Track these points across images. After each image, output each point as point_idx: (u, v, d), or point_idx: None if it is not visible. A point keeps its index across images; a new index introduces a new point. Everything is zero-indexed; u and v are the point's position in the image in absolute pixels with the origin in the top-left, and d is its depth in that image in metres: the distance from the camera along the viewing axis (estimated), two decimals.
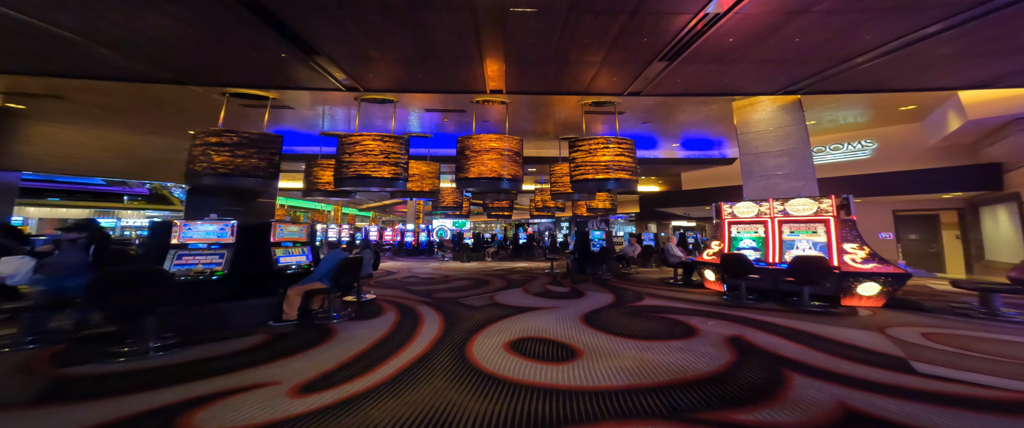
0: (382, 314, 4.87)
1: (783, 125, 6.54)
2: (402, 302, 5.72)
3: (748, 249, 6.24)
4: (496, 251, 14.52)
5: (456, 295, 6.40)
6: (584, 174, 6.62)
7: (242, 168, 6.25)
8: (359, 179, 6.57)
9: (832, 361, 3.18)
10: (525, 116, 8.31)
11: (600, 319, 4.67)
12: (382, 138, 6.69)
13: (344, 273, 4.23)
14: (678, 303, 5.60)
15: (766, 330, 4.10)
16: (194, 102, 7.22)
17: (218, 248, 4.05)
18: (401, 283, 7.85)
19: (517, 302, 5.78)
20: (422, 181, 9.18)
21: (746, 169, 6.88)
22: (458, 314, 4.93)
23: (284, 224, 4.68)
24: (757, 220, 6.29)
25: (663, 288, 7.11)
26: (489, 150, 6.75)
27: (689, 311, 5.06)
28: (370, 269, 5.85)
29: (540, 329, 4.19)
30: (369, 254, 5.89)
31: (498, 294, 6.51)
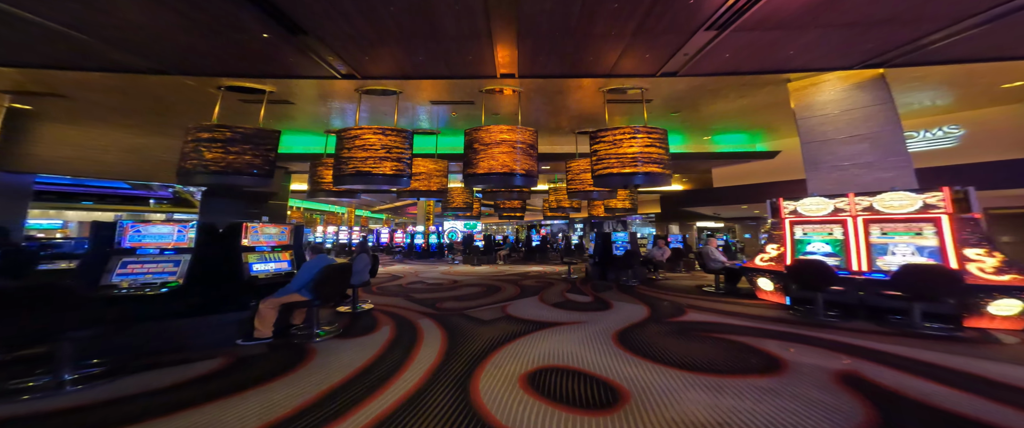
0: (375, 329, 4.06)
1: (861, 106, 5.38)
2: (402, 314, 4.91)
3: (821, 254, 5.06)
4: (508, 254, 13.65)
5: (463, 305, 5.55)
6: (608, 168, 5.69)
7: (235, 165, 5.59)
8: (359, 176, 5.83)
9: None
10: (539, 107, 7.44)
11: (639, 339, 3.75)
12: (383, 131, 5.94)
13: (328, 283, 3.44)
14: (733, 318, 4.59)
15: (886, 363, 3.02)
16: (194, 100, 6.63)
17: (173, 254, 3.31)
18: (404, 290, 7.05)
19: (533, 314, 4.89)
20: (429, 180, 8.41)
21: (810, 159, 5.72)
22: (464, 331, 4.08)
23: (260, 225, 3.93)
24: (832, 219, 5.09)
25: (704, 298, 6.06)
26: (500, 142, 5.90)
27: (753, 330, 4.03)
28: (366, 276, 5.08)
29: (565, 354, 3.30)
30: (366, 259, 5.11)
31: (511, 304, 5.63)
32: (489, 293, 6.65)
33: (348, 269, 3.76)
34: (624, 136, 5.61)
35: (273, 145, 6.02)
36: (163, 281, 3.16)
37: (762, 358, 3.16)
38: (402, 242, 15.46)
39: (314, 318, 3.61)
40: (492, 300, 5.97)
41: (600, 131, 5.87)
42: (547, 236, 14.97)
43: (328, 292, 3.48)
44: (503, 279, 8.58)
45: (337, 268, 3.52)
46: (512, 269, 11.04)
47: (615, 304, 5.58)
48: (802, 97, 5.85)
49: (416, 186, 8.23)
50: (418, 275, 9.41)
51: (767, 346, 3.46)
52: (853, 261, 4.79)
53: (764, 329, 4.07)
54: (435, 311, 5.10)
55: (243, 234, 3.71)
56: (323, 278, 3.38)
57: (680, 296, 6.24)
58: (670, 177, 5.48)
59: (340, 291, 3.77)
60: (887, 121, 5.13)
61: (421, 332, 3.99)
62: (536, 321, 4.52)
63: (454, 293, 6.65)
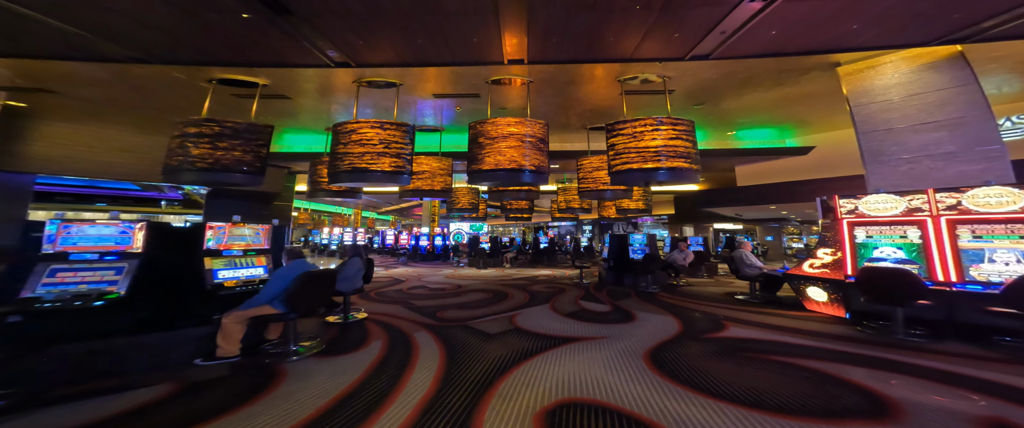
0: (364, 345, 3.47)
1: (934, 89, 4.62)
2: (398, 325, 4.32)
3: (891, 260, 4.31)
4: (515, 256, 13.02)
5: (467, 315, 4.94)
6: (627, 163, 5.04)
7: (223, 162, 5.09)
8: (356, 173, 5.27)
9: None
10: (549, 100, 6.83)
11: (680, 362, 3.09)
12: (381, 125, 5.38)
13: (303, 293, 2.86)
14: (788, 335, 3.85)
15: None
16: (187, 95, 6.17)
17: (116, 259, 2.76)
18: (405, 296, 6.47)
19: (546, 327, 4.26)
20: (433, 179, 7.83)
21: (870, 152, 4.93)
22: (467, 347, 3.47)
23: (230, 225, 3.38)
24: (905, 219, 4.28)
25: (740, 308, 5.32)
26: (507, 136, 5.30)
27: (823, 353, 3.29)
28: (358, 283, 4.50)
29: (591, 382, 2.67)
30: (358, 263, 4.53)
31: (520, 313, 5.00)
32: (495, 300, 6.03)
33: (330, 277, 3.16)
34: (646, 128, 4.96)
35: (265, 141, 5.51)
36: (100, 292, 2.61)
37: (858, 395, 2.45)
38: (407, 244, 14.94)
39: (290, 333, 3.04)
40: (499, 309, 5.35)
41: (618, 123, 5.22)
42: (555, 238, 14.31)
43: (304, 304, 2.91)
44: (510, 284, 7.96)
45: (315, 276, 2.93)
46: (520, 273, 10.41)
47: (638, 315, 4.92)
48: (856, 82, 5.08)
49: (419, 185, 7.67)
50: (421, 279, 8.84)
51: (854, 376, 2.74)
52: (937, 270, 3.95)
53: (836, 351, 3.33)
54: (435, 321, 4.50)
55: (205, 236, 3.15)
56: (298, 288, 2.81)
57: (710, 305, 5.54)
58: (698, 174, 4.80)
59: (320, 301, 3.18)
60: (971, 105, 4.31)
61: (416, 349, 3.39)
62: (550, 336, 3.89)
63: (457, 300, 6.05)
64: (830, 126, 7.28)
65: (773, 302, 5.57)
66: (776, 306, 5.34)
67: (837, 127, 7.27)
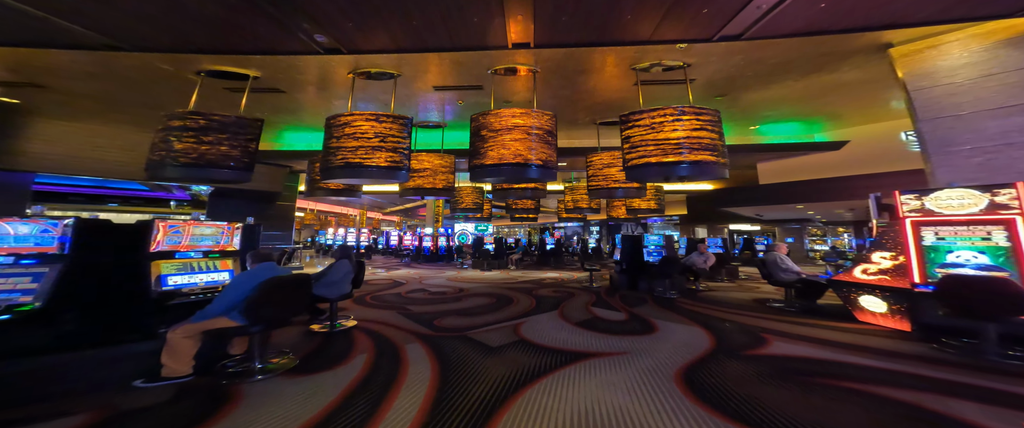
0: (346, 360, 3.00)
1: (1016, 67, 3.94)
2: (389, 335, 3.84)
3: (972, 267, 3.63)
4: (521, 258, 12.50)
5: (467, 323, 4.44)
6: (644, 157, 4.50)
7: (208, 157, 4.70)
8: (349, 169, 4.84)
9: None
10: (556, 92, 6.33)
11: (723, 388, 2.53)
12: (377, 118, 4.94)
13: (267, 302, 2.39)
14: (848, 354, 3.21)
15: None
16: (178, 89, 5.80)
17: (35, 264, 2.32)
18: (402, 300, 6.00)
19: (556, 339, 3.75)
20: (435, 177, 7.38)
21: (936, 141, 4.25)
22: (464, 364, 2.97)
23: (187, 223, 2.93)
24: (988, 218, 3.62)
25: (777, 318, 4.70)
26: (512, 128, 4.82)
27: (899, 377, 2.71)
28: (346, 288, 4.03)
29: (614, 413, 2.19)
30: (345, 266, 4.07)
31: (526, 322, 4.49)
32: (499, 306, 5.52)
33: (301, 284, 2.67)
34: (666, 118, 4.41)
35: (254, 135, 5.11)
36: (9, 303, 2.16)
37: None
38: (411, 245, 14.53)
39: (256, 348, 2.57)
40: (502, 316, 4.84)
41: (634, 114, 4.69)
42: (561, 239, 13.77)
43: (268, 315, 2.44)
44: (515, 287, 7.44)
45: (282, 283, 2.45)
46: (525, 275, 9.89)
47: (659, 324, 4.36)
48: (915, 63, 4.40)
49: (420, 183, 7.22)
50: (422, 281, 8.38)
51: (965, 413, 2.13)
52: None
53: (923, 377, 2.70)
54: (431, 331, 4.01)
55: (153, 236, 2.69)
56: (260, 297, 2.34)
57: (741, 314, 4.94)
58: (725, 168, 4.24)
59: (290, 312, 2.70)
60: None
61: (405, 366, 2.90)
62: (561, 350, 3.37)
63: (458, 305, 5.55)
64: (865, 119, 6.63)
65: (813, 311, 4.94)
66: (818, 316, 4.70)
67: (874, 119, 6.62)
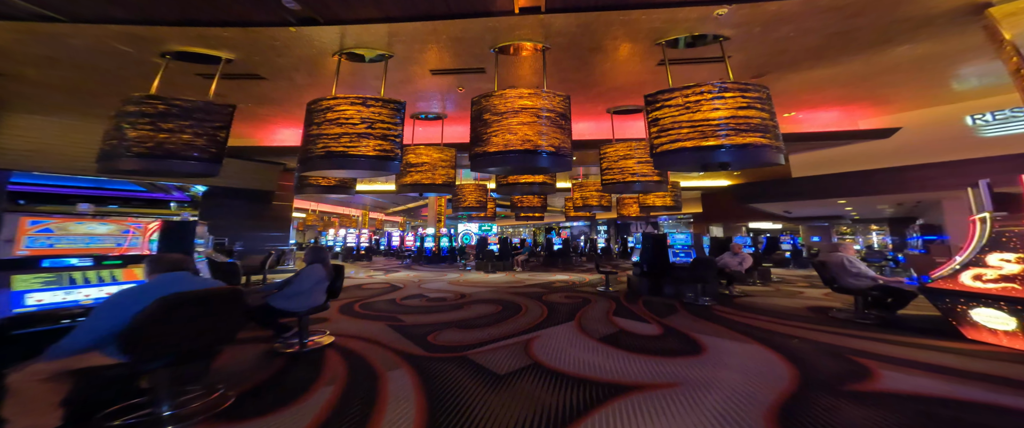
0: (302, 398, 2.30)
1: None
2: (370, 356, 3.14)
3: None
4: (527, 259, 11.78)
5: (468, 339, 3.73)
6: (677, 141, 3.75)
7: (167, 147, 4.03)
8: (331, 158, 4.15)
9: None
10: (568, 75, 5.60)
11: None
12: (364, 101, 4.25)
13: (154, 331, 1.60)
14: (1005, 394, 2.36)
15: None
16: (147, 74, 5.12)
17: None
18: (396, 309, 5.30)
19: (579, 360, 3.03)
20: (434, 171, 6.68)
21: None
22: (461, 402, 2.27)
23: (64, 219, 2.23)
24: None
25: (854, 333, 3.85)
26: (520, 110, 4.11)
27: None
28: (318, 299, 3.32)
29: None
30: (318, 273, 3.35)
31: (539, 337, 3.76)
32: (505, 315, 4.80)
33: (223, 301, 1.91)
34: (703, 97, 3.65)
35: (224, 123, 4.43)
36: None
37: None
38: (412, 246, 13.88)
39: (161, 389, 1.86)
40: (510, 329, 4.12)
41: (663, 93, 3.93)
42: (569, 239, 13.03)
43: (158, 347, 1.68)
44: (523, 292, 6.72)
45: (182, 302, 1.71)
46: (532, 278, 9.16)
47: (706, 341, 3.58)
48: None
49: (418, 179, 6.53)
50: (421, 285, 7.68)
51: None
52: None
53: None
54: (424, 350, 3.30)
55: None
56: (145, 323, 1.58)
57: (803, 327, 4.10)
58: (780, 152, 3.48)
59: (205, 340, 1.91)
60: None
61: (383, 405, 2.20)
62: (590, 379, 2.65)
63: (458, 315, 4.84)
64: (921, 102, 5.81)
65: (893, 324, 4.08)
66: (905, 331, 3.84)
67: (932, 103, 5.80)
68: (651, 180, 6.00)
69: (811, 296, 5.95)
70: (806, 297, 5.85)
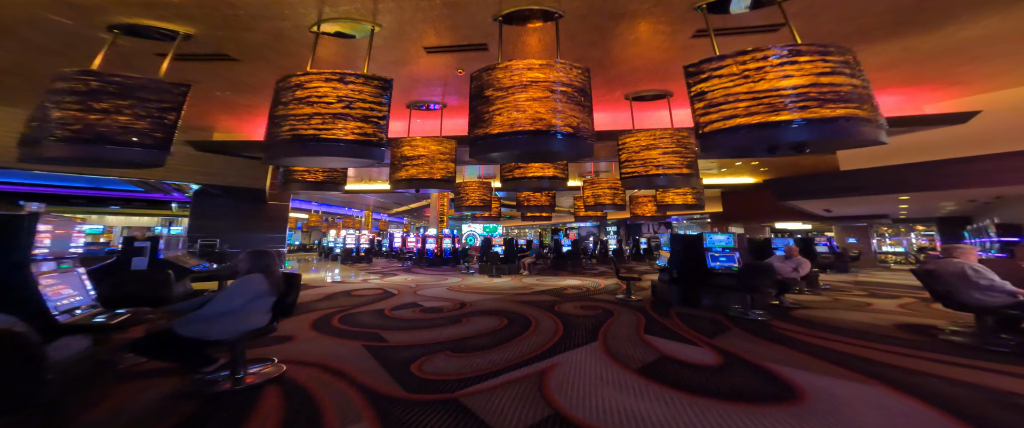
0: None
1: None
2: (325, 400, 2.34)
3: None
4: (534, 261, 10.94)
5: (464, 368, 2.90)
6: (733, 118, 2.87)
7: (98, 130, 3.27)
8: (298, 143, 3.38)
9: None
10: (583, 52, 4.75)
11: None
12: (341, 78, 3.48)
13: None
14: None
15: None
16: (90, 54, 4.38)
17: None
18: (381, 322, 4.48)
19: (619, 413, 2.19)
20: (432, 165, 5.89)
21: None
22: None
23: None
24: None
25: (999, 366, 2.95)
26: (529, 84, 3.29)
27: None
28: (261, 319, 2.49)
29: None
30: (255, 286, 2.49)
31: (556, 367, 2.93)
32: (512, 332, 3.97)
33: None
34: (768, 62, 2.76)
35: (173, 104, 3.66)
36: None
37: None
38: (414, 247, 13.13)
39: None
40: (517, 353, 3.28)
41: (710, 61, 3.05)
42: (578, 240, 12.17)
43: None
44: (530, 300, 5.88)
45: None
46: (541, 282, 8.31)
47: (794, 378, 2.68)
48: None
49: (414, 173, 5.75)
50: (417, 291, 6.88)
51: None
52: None
53: None
54: (403, 389, 2.49)
55: None
56: None
57: (910, 354, 3.19)
58: (883, 129, 2.61)
59: None
60: None
61: None
62: None
63: (455, 331, 4.01)
64: (1000, 84, 4.87)
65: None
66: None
67: (1017, 83, 4.86)
68: (679, 173, 5.13)
69: (884, 309, 5.01)
70: (879, 311, 4.90)
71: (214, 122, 7.21)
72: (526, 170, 5.62)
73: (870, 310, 5.02)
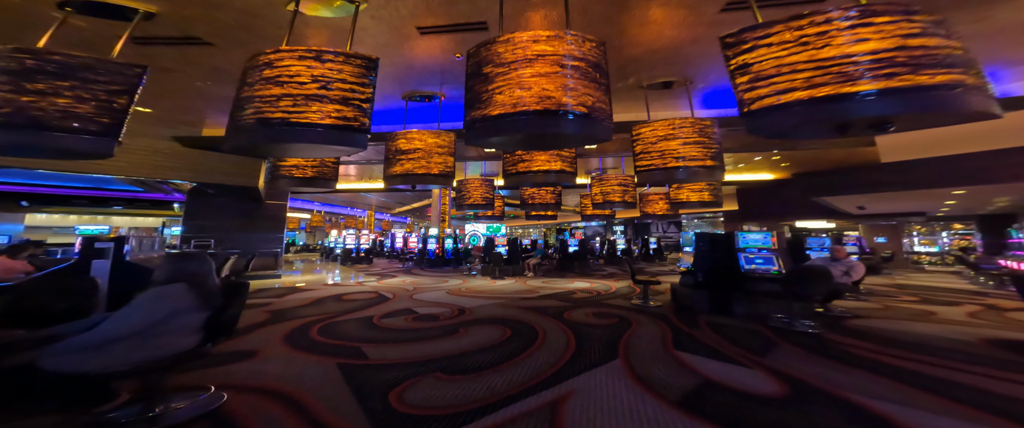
0: None
1: None
2: None
3: None
4: (539, 262, 10.38)
5: (456, 398, 2.37)
6: (788, 91, 2.29)
7: (31, 113, 2.79)
8: (263, 128, 2.89)
9: None
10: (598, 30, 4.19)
11: None
12: (317, 55, 2.97)
13: None
14: None
15: None
16: (40, 33, 3.91)
17: None
18: (366, 333, 3.95)
19: None
20: (429, 159, 5.39)
21: None
22: None
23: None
24: None
25: None
26: (535, 58, 2.75)
27: None
28: (184, 340, 1.90)
29: None
30: (172, 299, 1.85)
31: (573, 395, 2.40)
32: (516, 346, 3.43)
33: None
34: (834, 26, 2.16)
35: (125, 87, 3.18)
36: None
37: None
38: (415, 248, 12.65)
39: None
40: (523, 374, 2.74)
41: (754, 28, 2.46)
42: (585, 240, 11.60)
43: None
44: (536, 306, 5.34)
45: None
46: (547, 285, 7.76)
47: (901, 419, 2.07)
48: None
49: (409, 168, 5.25)
50: (414, 295, 6.37)
51: None
52: None
53: None
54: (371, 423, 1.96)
55: None
56: None
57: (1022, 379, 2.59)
58: (994, 99, 2.02)
59: None
60: None
61: None
62: None
63: (450, 344, 3.48)
64: None
65: None
66: None
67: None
68: (703, 165, 4.55)
69: (953, 318, 4.37)
70: (948, 321, 4.26)
71: (200, 116, 6.75)
72: (531, 163, 5.08)
73: (937, 320, 4.39)
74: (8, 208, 17.10)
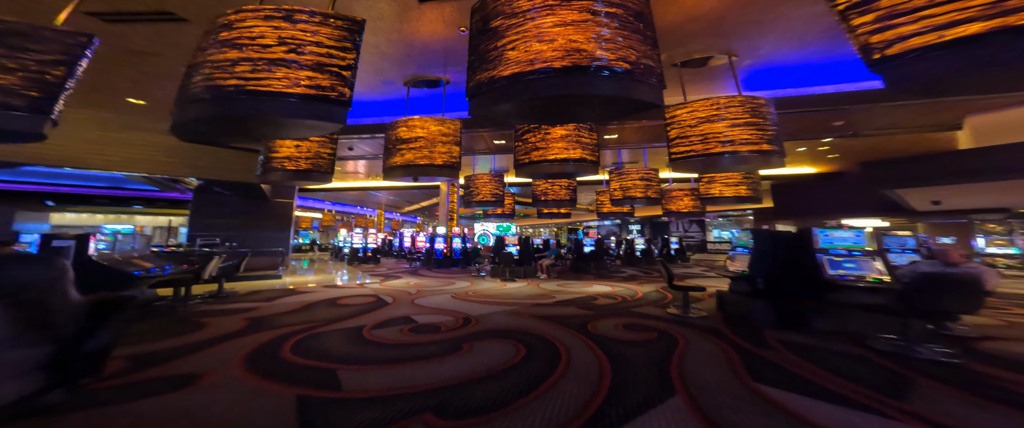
0: None
1: None
2: None
3: None
4: (553, 263, 9.67)
5: None
6: (953, 26, 1.52)
7: None
8: (218, 99, 2.29)
9: None
10: None
11: None
12: (287, 15, 2.35)
13: None
14: None
15: None
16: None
17: None
18: (349, 351, 3.32)
19: None
20: (433, 149, 4.82)
21: None
22: None
23: None
24: None
25: None
26: (556, 5, 2.05)
27: None
28: (6, 386, 1.26)
29: None
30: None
31: None
32: (533, 373, 2.74)
33: None
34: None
35: (64, 58, 2.64)
36: None
37: None
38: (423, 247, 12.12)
39: None
40: (542, 421, 2.05)
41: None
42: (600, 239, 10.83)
43: None
44: (554, 315, 4.64)
45: None
46: (563, 288, 7.06)
47: None
48: None
49: (411, 158, 4.69)
50: (416, 299, 5.76)
51: None
52: None
53: None
54: None
55: None
56: None
57: None
58: None
59: None
60: None
61: None
62: None
63: (449, 369, 2.81)
64: None
65: None
66: None
67: None
68: (758, 149, 3.76)
69: None
70: None
71: None
72: (546, 151, 4.39)
73: None
74: (34, 207, 17.51)
